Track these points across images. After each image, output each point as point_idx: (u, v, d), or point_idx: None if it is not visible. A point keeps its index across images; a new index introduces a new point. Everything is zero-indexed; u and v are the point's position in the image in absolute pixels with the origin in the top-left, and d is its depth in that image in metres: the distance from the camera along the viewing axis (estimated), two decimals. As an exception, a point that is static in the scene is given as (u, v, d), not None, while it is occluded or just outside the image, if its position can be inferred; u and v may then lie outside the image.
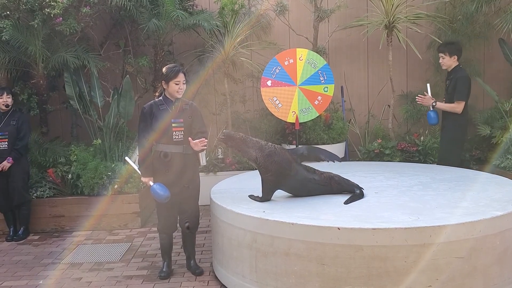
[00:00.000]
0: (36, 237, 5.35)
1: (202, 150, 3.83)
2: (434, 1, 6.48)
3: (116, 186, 5.42)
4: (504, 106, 6.04)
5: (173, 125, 3.81)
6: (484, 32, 6.58)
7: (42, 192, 5.48)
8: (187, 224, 3.98)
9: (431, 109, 5.16)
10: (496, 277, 3.15)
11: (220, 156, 6.44)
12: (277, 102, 5.66)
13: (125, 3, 5.66)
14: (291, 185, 3.73)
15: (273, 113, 5.76)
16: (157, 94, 4.03)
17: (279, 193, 3.83)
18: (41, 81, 5.97)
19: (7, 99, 5.25)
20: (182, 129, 3.84)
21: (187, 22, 5.98)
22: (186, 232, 4.03)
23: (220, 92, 6.89)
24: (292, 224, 3.14)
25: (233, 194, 3.97)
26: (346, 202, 3.60)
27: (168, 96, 3.88)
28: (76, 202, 5.47)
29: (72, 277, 4.20)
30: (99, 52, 6.45)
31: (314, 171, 3.77)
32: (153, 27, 5.79)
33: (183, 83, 3.84)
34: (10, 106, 5.30)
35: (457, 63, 5.16)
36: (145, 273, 4.21)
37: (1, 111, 5.27)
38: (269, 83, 5.66)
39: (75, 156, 5.61)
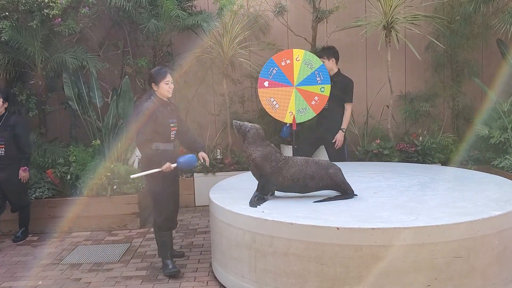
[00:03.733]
0: (35, 238, 5.35)
1: None
2: (433, 2, 6.50)
3: (115, 187, 5.43)
4: (502, 106, 6.06)
5: (171, 125, 3.99)
6: (482, 32, 6.60)
7: (41, 193, 5.48)
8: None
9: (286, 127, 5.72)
10: (494, 277, 3.16)
11: (219, 157, 6.44)
12: (274, 102, 5.67)
13: (124, 4, 5.67)
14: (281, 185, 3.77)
15: (270, 114, 5.76)
16: (143, 97, 4.13)
17: (278, 193, 3.85)
18: (40, 82, 5.96)
19: None
20: (176, 128, 4.06)
21: (186, 22, 5.98)
22: None
23: (219, 93, 6.89)
24: (291, 224, 3.15)
25: (232, 194, 3.97)
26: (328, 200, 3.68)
27: (160, 96, 3.99)
28: (75, 203, 5.46)
29: (71, 277, 4.21)
30: (98, 53, 6.44)
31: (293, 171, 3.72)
32: (152, 27, 5.79)
33: (172, 82, 4.02)
34: (4, 110, 5.07)
35: (337, 67, 5.79)
36: (144, 273, 4.21)
37: None
38: (266, 84, 5.66)
39: (74, 157, 5.61)
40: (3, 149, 5.01)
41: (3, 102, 5.06)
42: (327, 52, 5.79)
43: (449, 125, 6.95)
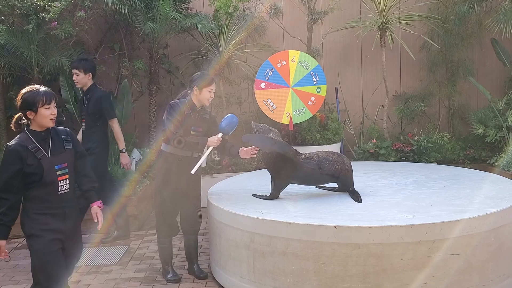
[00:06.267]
0: (33, 241, 5.33)
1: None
2: (427, 2, 6.55)
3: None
4: (497, 105, 6.11)
5: (191, 132, 3.80)
6: (476, 32, 6.66)
7: (38, 196, 5.45)
8: (199, 213, 3.98)
9: None
10: (491, 273, 3.19)
11: (216, 158, 6.45)
12: (271, 104, 5.69)
13: (120, 7, 5.68)
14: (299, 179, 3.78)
15: (267, 115, 5.78)
16: (178, 96, 3.98)
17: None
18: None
19: (55, 109, 2.99)
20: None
21: (182, 24, 6.00)
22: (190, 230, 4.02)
23: (215, 94, 6.89)
24: (289, 223, 3.17)
25: (230, 195, 3.99)
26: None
27: (195, 101, 3.83)
28: (73, 206, 5.45)
29: (70, 280, 4.18)
30: (94, 55, 6.46)
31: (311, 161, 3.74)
32: (148, 29, 5.80)
33: (214, 92, 3.88)
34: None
35: (92, 82, 4.84)
36: (143, 275, 4.21)
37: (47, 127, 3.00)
38: (262, 85, 5.69)
39: (71, 160, 5.59)
40: (68, 180, 2.92)
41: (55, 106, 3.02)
42: (84, 64, 4.75)
43: (445, 124, 6.99)
